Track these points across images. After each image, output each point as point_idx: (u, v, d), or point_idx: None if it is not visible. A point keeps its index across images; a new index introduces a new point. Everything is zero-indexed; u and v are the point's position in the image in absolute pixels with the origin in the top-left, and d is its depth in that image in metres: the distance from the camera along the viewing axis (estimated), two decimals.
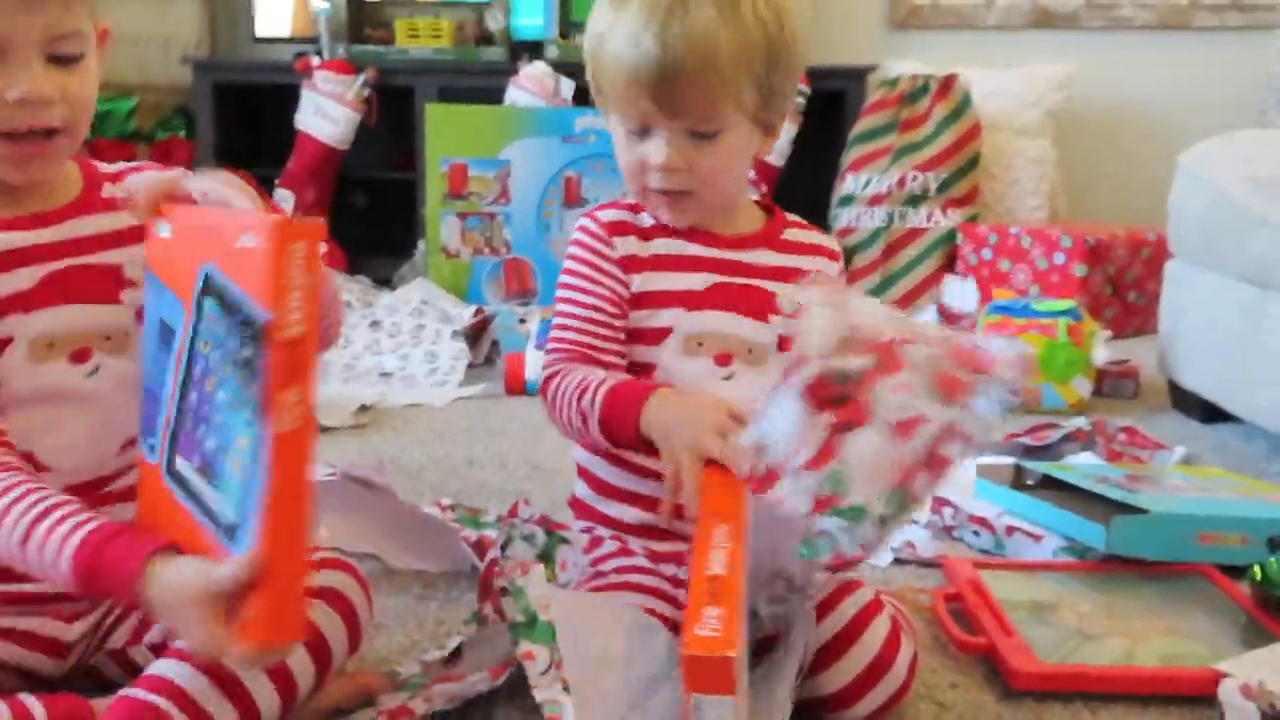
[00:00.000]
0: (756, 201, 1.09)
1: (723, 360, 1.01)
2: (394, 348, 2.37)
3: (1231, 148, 1.88)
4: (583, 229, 1.04)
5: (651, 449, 0.91)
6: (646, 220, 1.03)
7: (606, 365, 0.99)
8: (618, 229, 1.03)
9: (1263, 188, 1.69)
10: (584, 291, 1.01)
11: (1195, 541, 1.25)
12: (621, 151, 1.00)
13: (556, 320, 1.03)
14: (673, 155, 0.96)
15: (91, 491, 0.87)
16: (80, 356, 0.87)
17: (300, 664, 0.85)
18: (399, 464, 1.66)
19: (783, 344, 1.02)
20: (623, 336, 1.02)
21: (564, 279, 1.04)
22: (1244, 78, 3.30)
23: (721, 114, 0.95)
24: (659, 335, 1.01)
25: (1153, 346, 2.12)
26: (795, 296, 0.92)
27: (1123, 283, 2.81)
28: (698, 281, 1.01)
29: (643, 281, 1.01)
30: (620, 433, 0.93)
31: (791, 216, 1.08)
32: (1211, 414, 1.92)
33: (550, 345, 1.02)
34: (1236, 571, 1.22)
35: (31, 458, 0.85)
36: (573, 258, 1.04)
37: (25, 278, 0.85)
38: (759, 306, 1.02)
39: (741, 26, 0.93)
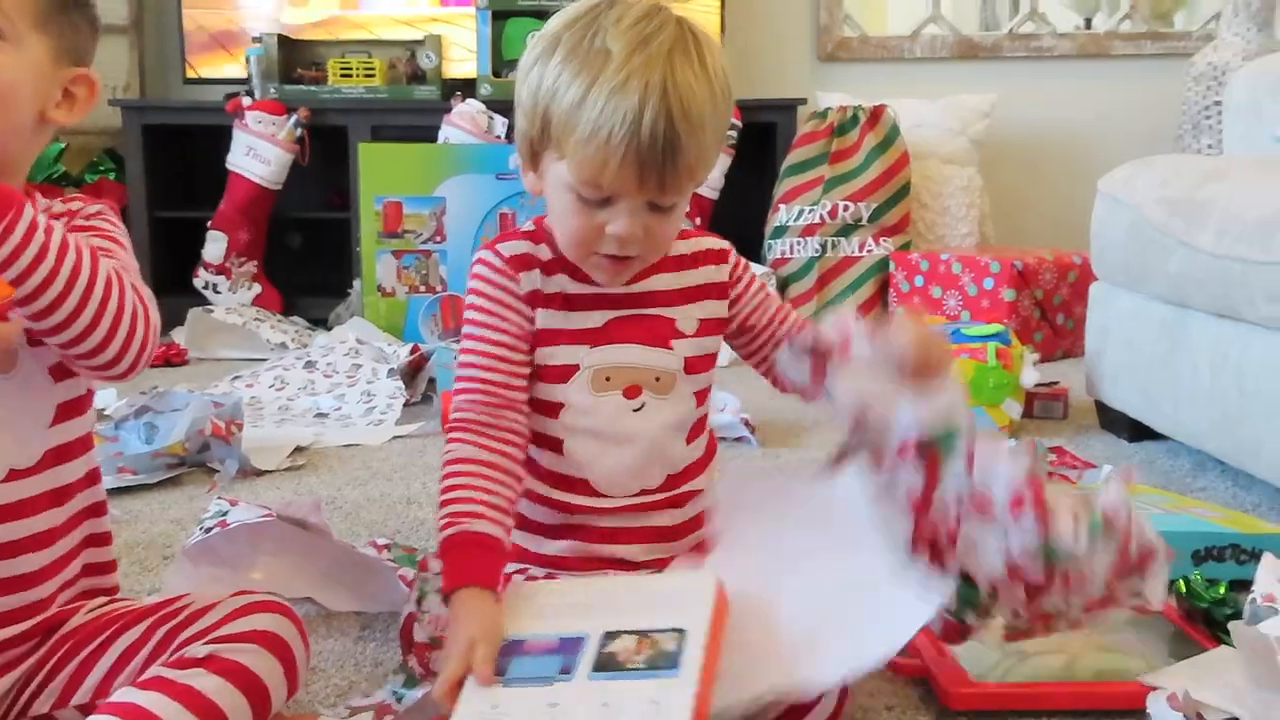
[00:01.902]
0: None
1: (632, 393, 1.01)
2: (330, 388, 2.35)
3: (1148, 172, 1.93)
4: (485, 263, 1.02)
5: None
6: (546, 253, 1.01)
7: (514, 404, 1.00)
8: (522, 263, 1.01)
9: (1179, 210, 1.74)
10: (492, 328, 1.00)
11: None
12: (567, 213, 0.95)
13: (465, 358, 1.01)
14: (635, 228, 0.93)
15: None
16: None
17: (238, 710, 0.84)
18: (336, 504, 1.65)
19: (689, 365, 1.03)
20: (528, 372, 1.01)
21: (470, 315, 1.02)
22: (1161, 104, 3.41)
23: (692, 188, 0.95)
24: (566, 373, 1.01)
25: (1081, 368, 2.17)
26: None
27: (1051, 306, 2.88)
28: (596, 319, 1.01)
29: (545, 319, 1.01)
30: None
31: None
32: (1138, 432, 1.97)
33: (459, 384, 1.01)
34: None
35: None
36: (477, 293, 1.01)
37: None
38: (661, 334, 1.02)
39: (714, 90, 0.92)
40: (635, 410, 1.01)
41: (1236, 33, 3.13)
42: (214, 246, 3.23)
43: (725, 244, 1.09)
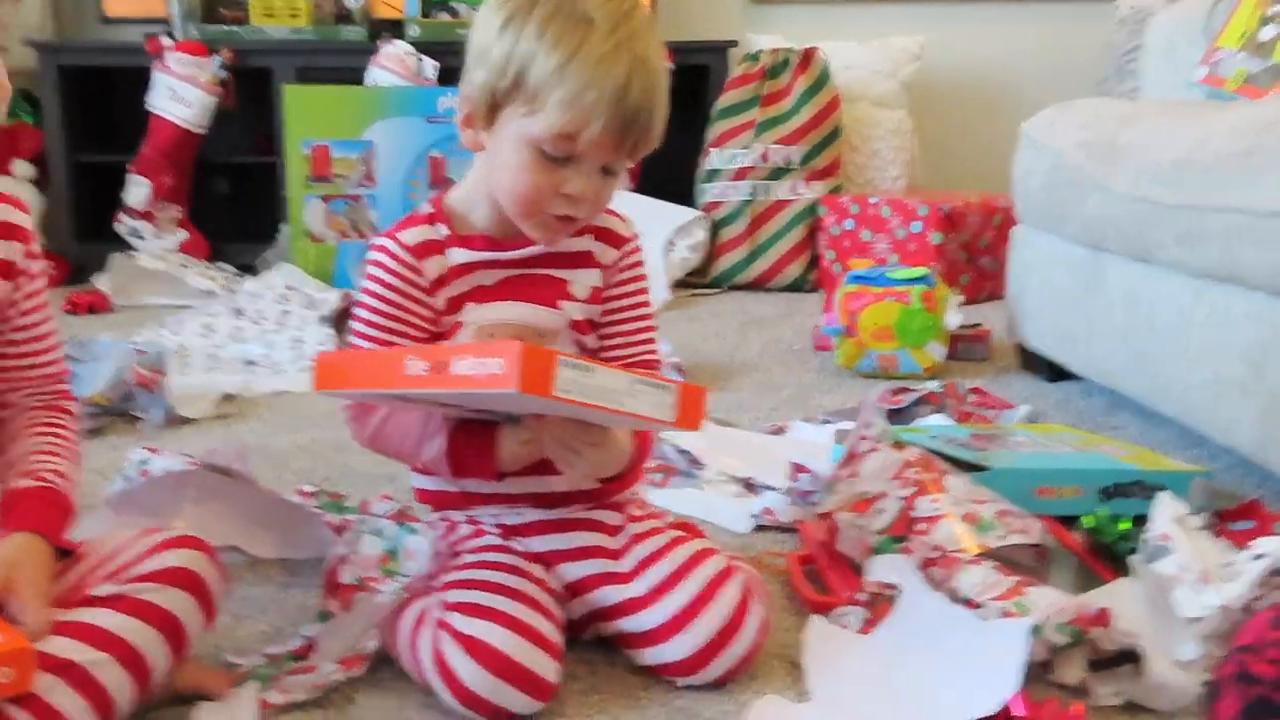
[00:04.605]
0: None
1: None
2: (258, 335, 2.33)
3: (1068, 115, 1.96)
4: (386, 251, 1.01)
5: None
6: (443, 230, 1.02)
7: None
8: (425, 249, 1.01)
9: (1097, 153, 1.78)
10: (391, 318, 1.01)
11: (1033, 495, 1.32)
12: (524, 169, 0.95)
13: (358, 342, 1.02)
14: (589, 189, 0.96)
15: None
16: None
17: (150, 645, 0.85)
18: (265, 452, 1.64)
19: (576, 327, 1.04)
20: None
21: (368, 302, 1.02)
22: (1085, 48, 3.45)
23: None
24: (453, 330, 1.02)
25: (1004, 310, 2.21)
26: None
27: (976, 249, 2.92)
28: (490, 278, 1.02)
29: (446, 292, 1.02)
30: (479, 475, 0.99)
31: None
32: (1056, 373, 2.02)
33: None
34: (1071, 521, 1.29)
35: None
36: (378, 281, 1.01)
37: None
38: (549, 294, 1.03)
39: (664, 69, 0.98)
40: None
41: None
42: (137, 191, 3.16)
43: (632, 233, 1.09)
